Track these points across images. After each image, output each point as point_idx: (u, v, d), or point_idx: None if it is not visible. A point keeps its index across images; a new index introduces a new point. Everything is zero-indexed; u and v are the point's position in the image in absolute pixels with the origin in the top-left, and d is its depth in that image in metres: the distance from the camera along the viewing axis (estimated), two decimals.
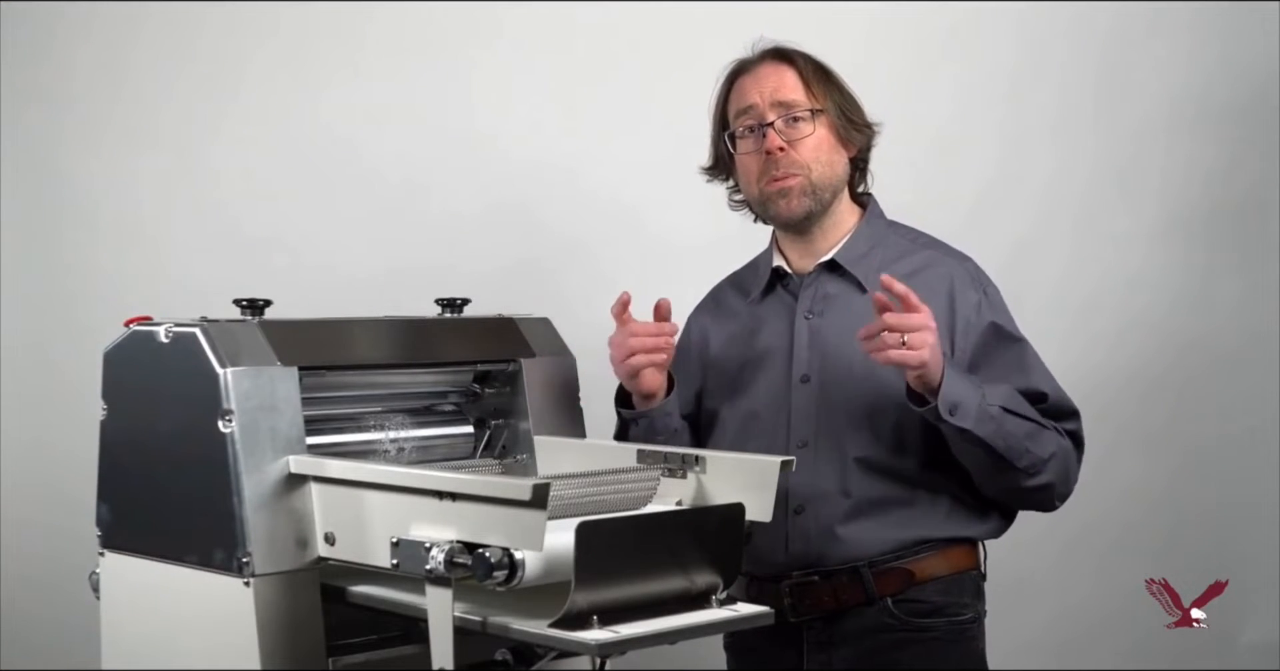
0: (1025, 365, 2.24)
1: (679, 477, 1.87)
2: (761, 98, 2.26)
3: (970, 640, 2.27)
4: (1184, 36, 3.38)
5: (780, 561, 2.22)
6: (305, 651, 1.73)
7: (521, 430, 2.06)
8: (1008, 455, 2.12)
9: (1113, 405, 3.32)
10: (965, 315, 2.23)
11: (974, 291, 2.25)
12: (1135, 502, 3.36)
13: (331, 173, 3.24)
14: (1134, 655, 3.25)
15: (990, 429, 2.09)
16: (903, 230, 2.36)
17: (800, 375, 2.25)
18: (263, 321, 1.84)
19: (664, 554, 1.63)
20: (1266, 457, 3.35)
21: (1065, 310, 3.36)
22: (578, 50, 3.29)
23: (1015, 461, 2.13)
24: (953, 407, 2.07)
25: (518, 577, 1.55)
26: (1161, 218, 3.40)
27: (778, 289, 2.34)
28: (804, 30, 2.39)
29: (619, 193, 3.27)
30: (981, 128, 3.38)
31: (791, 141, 2.24)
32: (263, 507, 1.71)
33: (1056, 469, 2.18)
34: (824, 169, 2.25)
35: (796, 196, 2.25)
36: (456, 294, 2.11)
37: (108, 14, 3.17)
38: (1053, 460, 2.17)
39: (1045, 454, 2.16)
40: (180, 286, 3.07)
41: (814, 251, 2.31)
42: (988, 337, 2.23)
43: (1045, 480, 2.18)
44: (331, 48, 3.25)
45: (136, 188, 3.18)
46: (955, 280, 2.25)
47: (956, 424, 2.07)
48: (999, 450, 2.11)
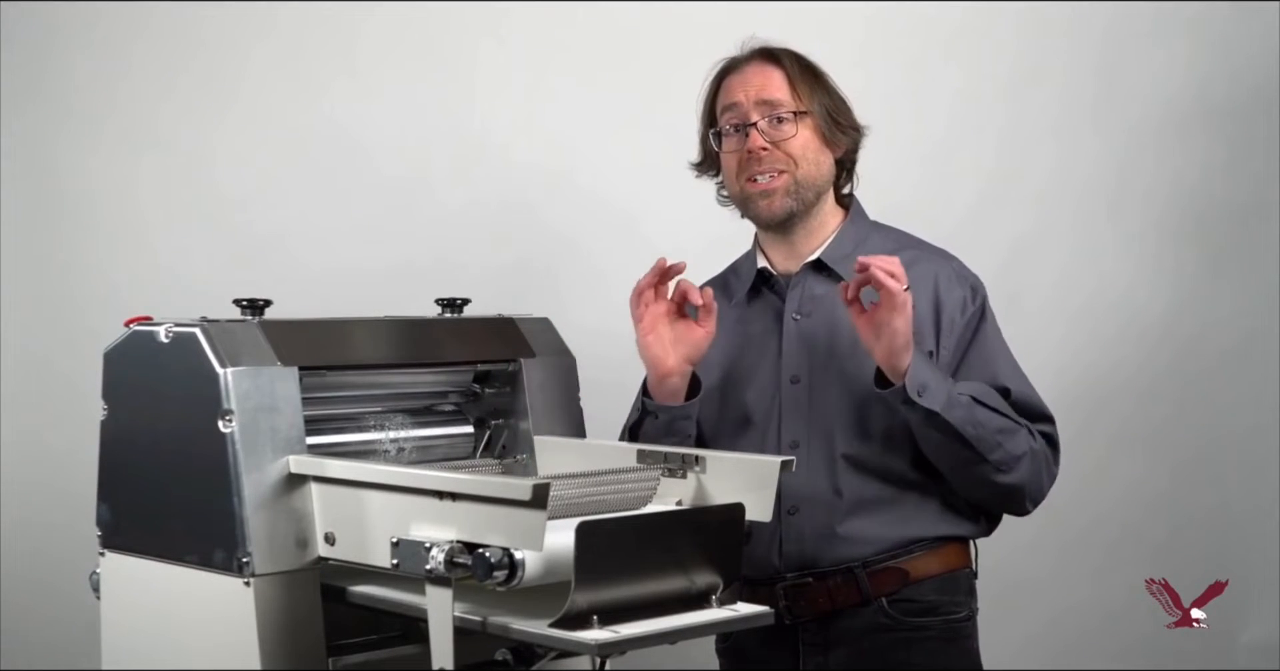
0: (996, 362, 2.24)
1: (679, 477, 1.87)
2: (746, 97, 2.26)
3: (965, 638, 2.27)
4: (1183, 36, 3.38)
5: (774, 563, 2.22)
6: (305, 651, 1.73)
7: (521, 430, 2.06)
8: (978, 446, 2.11)
9: (1112, 405, 3.33)
10: (950, 313, 2.23)
11: (959, 288, 2.26)
12: (1135, 502, 3.36)
13: (331, 172, 3.24)
14: (1134, 655, 3.25)
15: (960, 415, 2.09)
16: (886, 230, 2.36)
17: (790, 376, 2.25)
18: (263, 321, 1.84)
19: (664, 554, 1.63)
20: (1267, 457, 3.35)
21: (1064, 310, 3.36)
22: (578, 50, 3.29)
23: (986, 454, 2.12)
24: (921, 388, 2.07)
25: (518, 577, 1.55)
26: (1161, 217, 3.40)
27: (763, 291, 2.34)
28: (803, 30, 2.39)
29: (617, 194, 3.27)
30: (981, 128, 3.38)
31: (775, 142, 2.24)
32: (263, 507, 1.71)
33: (1029, 469, 2.18)
34: (808, 169, 2.25)
35: (779, 197, 2.24)
36: (456, 294, 2.11)
37: (108, 14, 3.17)
38: (1025, 458, 2.17)
39: (1018, 451, 2.16)
40: (180, 286, 3.07)
41: (798, 252, 2.31)
42: (969, 336, 2.23)
43: (1017, 479, 2.17)
44: (331, 47, 3.26)
45: (136, 188, 3.18)
46: (940, 277, 2.26)
47: (925, 405, 2.07)
48: (969, 438, 2.10)
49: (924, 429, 2.11)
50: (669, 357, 2.18)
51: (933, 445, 2.14)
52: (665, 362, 2.18)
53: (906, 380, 2.06)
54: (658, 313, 2.18)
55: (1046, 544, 3.22)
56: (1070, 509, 2.42)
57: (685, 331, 2.19)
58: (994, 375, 2.22)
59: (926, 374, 2.08)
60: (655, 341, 2.18)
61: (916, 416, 2.09)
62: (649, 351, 2.18)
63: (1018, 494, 2.20)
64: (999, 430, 2.14)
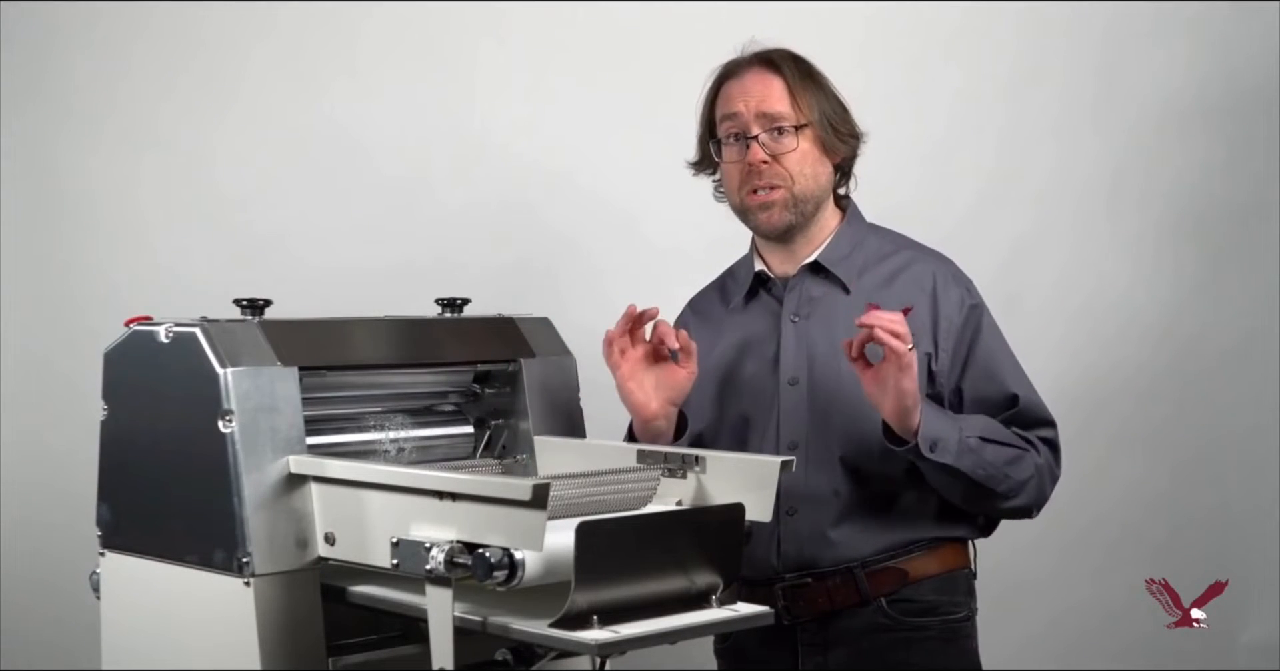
0: (1002, 367, 2.24)
1: (679, 477, 1.87)
2: (746, 107, 2.24)
3: (964, 638, 2.27)
4: (1183, 36, 3.38)
5: (773, 564, 2.22)
6: (305, 651, 1.73)
7: (521, 430, 2.06)
8: (987, 483, 2.13)
9: (1112, 405, 3.33)
10: (948, 313, 2.23)
11: (956, 288, 2.26)
12: (1135, 502, 3.36)
13: (331, 172, 3.24)
14: (1134, 655, 3.25)
15: (970, 461, 2.11)
16: (882, 232, 2.35)
17: (789, 377, 2.25)
18: (263, 321, 1.83)
19: (664, 554, 1.63)
20: (1267, 457, 3.35)
21: (1064, 310, 3.36)
22: (578, 50, 3.29)
23: (995, 488, 2.15)
24: (933, 444, 2.07)
25: (518, 577, 1.55)
26: (1161, 217, 3.40)
27: (761, 293, 2.34)
28: (803, 30, 2.39)
29: (618, 194, 3.27)
30: (981, 128, 3.38)
31: (775, 155, 2.22)
32: (263, 507, 1.71)
33: (1034, 489, 2.20)
34: (807, 183, 2.24)
35: (779, 211, 2.24)
36: (456, 294, 2.11)
37: (108, 14, 3.17)
38: (1030, 481, 2.18)
39: (1023, 477, 2.17)
40: (180, 286, 3.07)
41: (796, 256, 2.31)
42: (968, 337, 2.23)
43: (1023, 502, 2.19)
44: (331, 47, 3.26)
45: (136, 188, 3.19)
46: (938, 278, 2.26)
47: (937, 460, 2.08)
48: (978, 480, 2.12)
49: (935, 474, 2.13)
50: (651, 403, 2.16)
51: (942, 484, 2.16)
52: (649, 408, 2.16)
53: (919, 438, 2.07)
54: (636, 358, 2.16)
55: (1046, 544, 3.22)
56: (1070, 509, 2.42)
57: (667, 375, 2.17)
58: (1001, 383, 2.22)
59: (937, 427, 2.08)
60: (637, 388, 2.16)
61: (928, 466, 2.10)
62: (631, 398, 2.16)
63: (1023, 512, 2.23)
64: (1006, 462, 2.15)
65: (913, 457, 2.09)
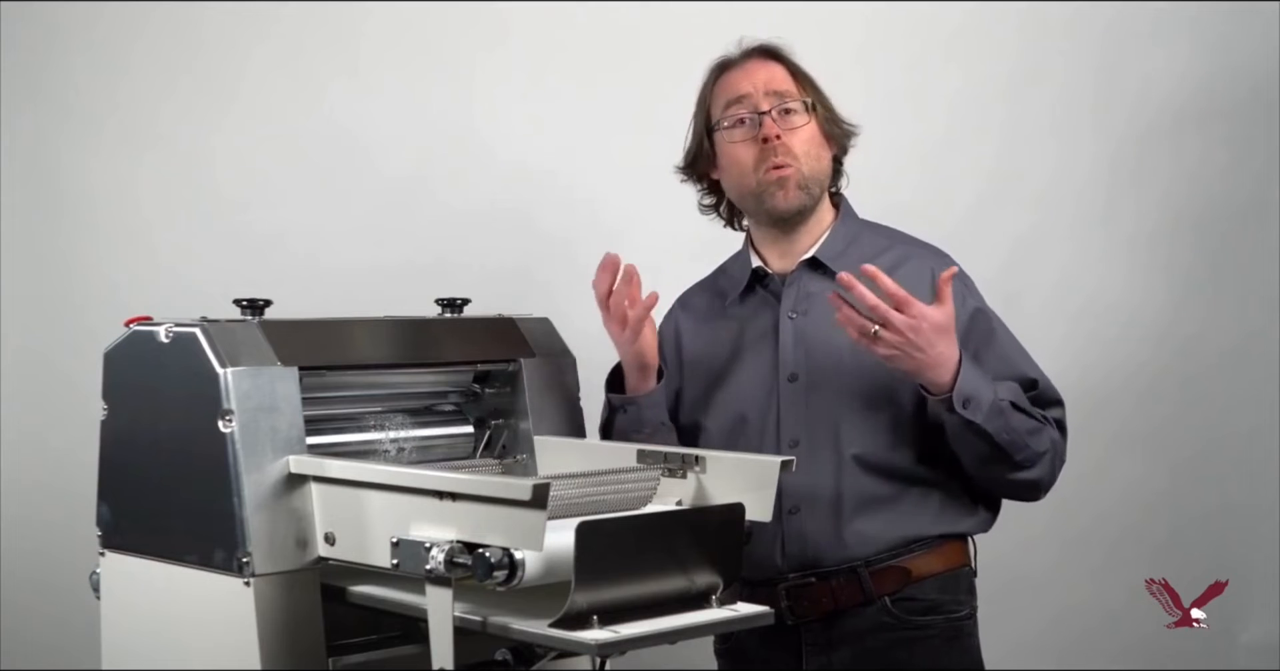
0: (1014, 354, 2.25)
1: (679, 477, 1.87)
2: (755, 88, 2.26)
3: (967, 636, 2.27)
4: (1184, 36, 3.38)
5: (777, 564, 2.22)
6: (305, 651, 1.73)
7: (521, 430, 2.06)
8: (1008, 448, 2.13)
9: (1112, 404, 3.33)
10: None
11: (955, 281, 2.25)
12: (1135, 502, 3.36)
13: (331, 172, 3.24)
14: (1134, 655, 3.25)
15: (998, 423, 2.11)
16: (877, 228, 2.36)
17: (788, 374, 2.25)
18: (263, 321, 1.84)
19: (664, 554, 1.63)
20: (1266, 457, 3.35)
21: (1064, 309, 3.36)
22: (578, 50, 3.29)
23: (1013, 455, 2.14)
24: (966, 400, 2.08)
25: (518, 577, 1.56)
26: (1161, 217, 3.40)
27: (758, 290, 2.34)
28: (803, 30, 2.38)
29: (617, 194, 3.27)
30: (981, 128, 3.38)
31: (785, 132, 2.24)
32: (263, 507, 1.71)
33: (1048, 464, 2.20)
34: (814, 164, 2.26)
35: (793, 189, 2.25)
36: (456, 294, 2.11)
37: (108, 14, 3.17)
38: (1046, 455, 2.19)
39: (1041, 449, 2.17)
40: (180, 286, 3.07)
41: (793, 251, 2.31)
42: (973, 327, 2.23)
43: (1036, 475, 2.19)
44: (331, 47, 3.25)
45: (136, 188, 3.18)
46: (936, 271, 2.25)
47: (968, 417, 2.08)
48: (1001, 443, 2.12)
49: (959, 430, 2.12)
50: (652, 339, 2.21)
51: (963, 444, 2.15)
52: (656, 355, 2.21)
53: (954, 394, 2.07)
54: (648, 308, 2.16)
55: (1047, 543, 3.22)
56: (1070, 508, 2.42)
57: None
58: (1017, 370, 2.23)
59: (973, 385, 2.09)
60: (652, 332, 2.20)
61: (955, 420, 2.10)
62: (647, 345, 2.19)
63: (1034, 486, 2.22)
64: (1029, 432, 2.15)
65: (943, 411, 2.10)
